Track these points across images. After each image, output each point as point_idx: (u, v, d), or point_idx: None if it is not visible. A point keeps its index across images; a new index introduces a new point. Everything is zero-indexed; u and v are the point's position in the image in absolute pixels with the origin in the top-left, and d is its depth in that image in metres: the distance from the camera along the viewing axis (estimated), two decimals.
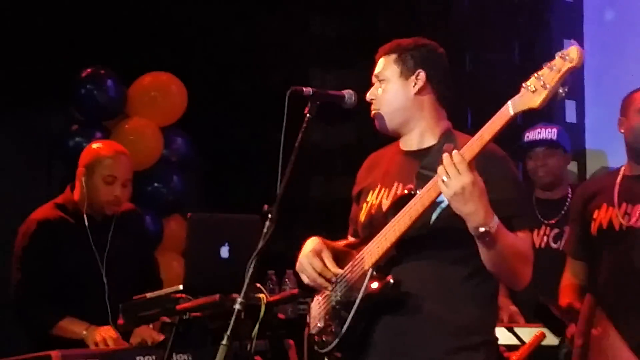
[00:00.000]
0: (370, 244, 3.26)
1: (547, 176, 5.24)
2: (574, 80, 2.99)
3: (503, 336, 4.43)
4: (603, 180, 4.47)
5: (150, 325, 4.51)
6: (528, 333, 4.39)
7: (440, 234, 3.21)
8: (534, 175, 5.27)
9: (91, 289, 4.64)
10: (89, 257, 4.67)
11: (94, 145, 4.92)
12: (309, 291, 3.47)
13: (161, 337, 4.42)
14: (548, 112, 6.04)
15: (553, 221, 5.14)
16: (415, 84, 3.38)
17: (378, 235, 3.24)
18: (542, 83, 2.89)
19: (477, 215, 2.99)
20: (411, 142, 3.42)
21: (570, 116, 6.21)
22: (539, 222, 5.16)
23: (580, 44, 6.16)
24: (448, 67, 3.44)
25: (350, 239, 3.56)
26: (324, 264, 3.31)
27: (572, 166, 6.02)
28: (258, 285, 3.70)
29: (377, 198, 3.41)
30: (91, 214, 4.72)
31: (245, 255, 3.19)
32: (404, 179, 3.35)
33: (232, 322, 3.06)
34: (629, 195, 4.21)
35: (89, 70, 6.37)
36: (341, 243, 3.50)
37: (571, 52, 2.88)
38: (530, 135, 5.27)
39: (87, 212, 4.70)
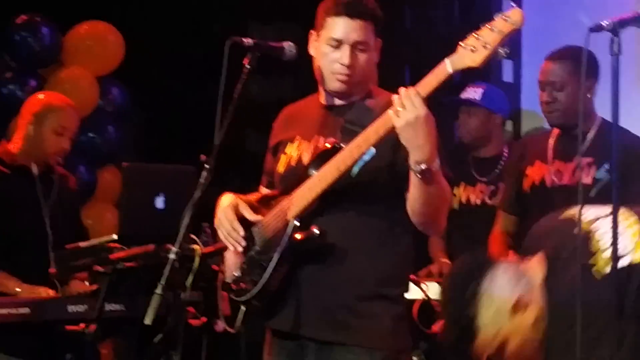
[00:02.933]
0: (292, 195, 3.29)
1: (465, 136, 5.31)
2: (511, 39, 3.03)
3: (435, 291, 4.48)
4: (538, 138, 4.52)
5: (86, 283, 4.49)
6: None
7: (361, 187, 3.26)
8: (459, 134, 5.36)
9: (34, 239, 4.61)
10: (31, 207, 4.63)
11: (42, 96, 4.88)
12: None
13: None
14: (485, 72, 6.07)
15: (488, 178, 5.20)
16: (377, 51, 3.41)
17: (301, 187, 3.27)
18: (482, 43, 2.93)
19: (424, 149, 3.03)
20: (333, 97, 3.44)
21: (507, 76, 6.26)
22: (474, 179, 5.21)
23: (519, 3, 6.23)
24: None
25: (264, 190, 3.58)
26: (242, 217, 3.34)
27: (508, 125, 6.06)
28: (192, 236, 3.69)
29: (297, 150, 3.44)
30: (31, 163, 4.67)
31: (180, 206, 3.19)
32: (326, 132, 3.38)
33: (166, 272, 3.06)
34: (562, 153, 4.27)
35: (24, 17, 6.25)
36: (254, 196, 3.52)
37: (513, 15, 2.92)
38: (461, 95, 5.32)
39: (28, 161, 4.66)
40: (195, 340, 3.89)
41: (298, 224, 3.26)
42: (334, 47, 3.34)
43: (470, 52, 2.95)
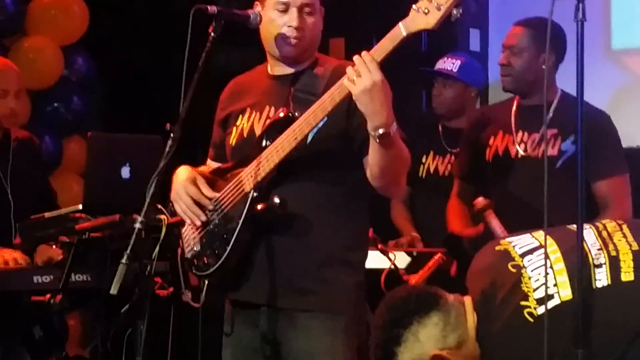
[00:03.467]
0: (248, 167, 3.30)
1: (439, 107, 5.30)
2: (478, 9, 3.02)
3: (402, 260, 4.50)
4: (499, 108, 4.52)
5: (53, 246, 4.46)
6: (427, 257, 4.46)
7: (317, 155, 3.28)
8: (433, 106, 5.34)
9: None
10: None
11: None
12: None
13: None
14: (452, 41, 6.07)
15: (457, 150, 5.20)
16: (322, 16, 3.41)
17: (258, 158, 3.27)
18: (435, 5, 2.93)
19: (381, 114, 3.04)
20: (282, 66, 3.44)
21: (474, 45, 6.25)
22: (444, 149, 5.21)
23: None
24: None
25: (212, 163, 3.58)
26: (200, 191, 3.34)
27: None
28: (159, 206, 3.67)
29: (249, 122, 3.44)
30: None
31: (146, 176, 3.17)
32: (276, 102, 3.39)
33: (132, 241, 3.05)
34: (526, 124, 4.27)
35: None
36: (204, 169, 3.52)
37: None
38: (437, 65, 5.30)
39: None
40: (162, 311, 3.89)
41: (257, 194, 3.27)
42: (282, 11, 3.34)
43: (423, 14, 2.96)
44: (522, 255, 2.75)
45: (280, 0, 3.33)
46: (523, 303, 2.65)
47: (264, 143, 3.29)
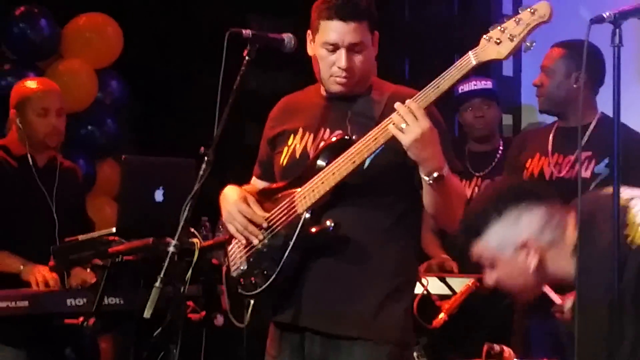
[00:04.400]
0: (302, 188, 3.27)
1: (485, 128, 5.23)
2: None
3: (435, 286, 4.47)
4: (539, 131, 4.52)
5: (88, 270, 4.48)
6: (460, 283, 4.43)
7: (372, 180, 3.25)
8: (471, 127, 5.26)
9: (40, 225, 4.62)
10: (37, 195, 4.65)
11: (19, 84, 4.90)
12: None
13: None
14: (485, 66, 6.05)
15: (484, 173, 5.18)
16: (374, 46, 3.38)
17: (312, 179, 3.24)
18: (508, 35, 2.94)
19: (434, 160, 3.05)
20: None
21: (507, 70, 6.23)
22: (470, 173, 5.19)
23: None
24: None
25: (257, 182, 3.56)
26: (252, 210, 3.32)
27: (507, 119, 6.05)
28: (192, 229, 3.67)
29: (301, 142, 3.41)
30: (34, 153, 4.69)
31: (179, 199, 3.17)
32: (331, 124, 3.37)
33: (165, 265, 3.05)
34: (562, 146, 4.26)
35: (22, 8, 6.23)
36: (250, 187, 3.50)
37: (540, 8, 2.94)
38: (466, 87, 5.26)
39: (31, 152, 4.69)
40: (194, 335, 3.88)
41: (309, 216, 3.24)
42: (330, 50, 3.31)
43: (495, 44, 2.95)
44: (629, 199, 2.78)
45: (328, 41, 3.29)
46: (625, 232, 2.69)
47: (319, 165, 3.26)
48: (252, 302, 3.34)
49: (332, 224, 3.20)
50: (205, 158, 3.13)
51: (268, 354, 3.43)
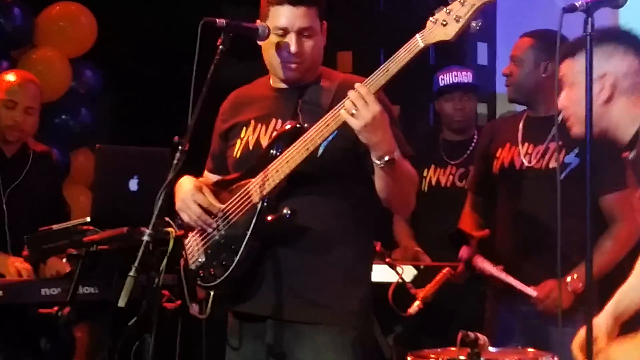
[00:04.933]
0: (255, 178, 3.29)
1: (464, 120, 5.26)
2: (486, 22, 3.03)
3: (410, 274, 4.48)
4: (509, 121, 4.54)
5: (64, 260, 4.47)
6: (435, 270, 4.45)
7: (326, 167, 3.28)
8: (450, 118, 5.27)
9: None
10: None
11: (5, 73, 4.87)
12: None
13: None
14: (460, 55, 6.07)
15: (459, 161, 5.19)
16: (323, 34, 3.41)
17: (266, 169, 3.26)
18: (454, 17, 2.95)
19: (384, 143, 3.07)
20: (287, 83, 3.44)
21: (482, 58, 6.26)
22: (444, 162, 5.21)
23: None
24: None
25: (209, 175, 3.58)
26: (208, 200, 3.33)
27: (482, 108, 6.07)
28: (167, 219, 3.66)
29: (254, 134, 3.44)
30: (4, 147, 4.66)
31: (154, 188, 3.16)
32: (283, 115, 3.39)
33: (140, 254, 3.04)
34: (532, 136, 4.27)
35: None
36: (203, 180, 3.52)
37: None
38: (446, 78, 5.27)
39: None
40: (169, 324, 3.88)
41: (265, 205, 3.27)
42: (280, 35, 3.33)
43: (442, 26, 2.97)
44: None
45: (278, 25, 3.33)
46: None
47: (272, 154, 3.28)
48: (211, 293, 3.35)
49: (289, 212, 3.23)
50: (179, 147, 3.12)
51: (228, 346, 3.45)
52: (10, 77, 4.80)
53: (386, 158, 3.08)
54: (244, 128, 3.47)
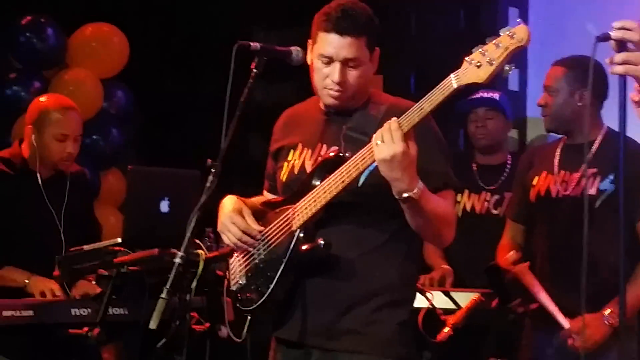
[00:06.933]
0: (297, 205, 3.27)
1: (486, 138, 5.24)
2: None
3: (440, 300, 4.46)
4: (547, 148, 4.50)
5: (93, 282, 4.47)
6: (465, 297, 4.43)
7: (365, 198, 3.25)
8: (474, 137, 5.27)
9: (48, 246, 4.56)
10: (44, 214, 4.62)
11: (42, 100, 4.83)
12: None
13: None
14: (491, 80, 6.05)
15: (493, 187, 5.17)
16: (373, 62, 3.37)
17: (306, 197, 3.25)
18: (487, 59, 2.92)
19: (401, 182, 3.04)
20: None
21: (513, 84, 6.24)
22: (479, 187, 5.18)
23: (525, 12, 6.25)
24: None
25: (267, 195, 3.57)
26: (246, 222, 3.33)
27: (513, 134, 6.05)
28: (197, 241, 3.67)
29: (300, 158, 3.42)
30: (41, 171, 4.66)
31: (184, 210, 3.17)
32: (328, 139, 3.37)
33: (172, 276, 3.04)
34: (568, 163, 4.25)
35: (29, 17, 6.26)
36: (256, 200, 3.51)
37: (519, 32, 2.91)
38: (473, 97, 5.26)
39: (39, 169, 4.66)
40: (198, 346, 3.88)
41: (302, 235, 3.25)
42: (325, 63, 3.30)
43: (475, 67, 2.94)
44: None
45: (324, 53, 3.28)
46: None
47: (313, 182, 3.26)
48: (249, 317, 3.35)
49: (323, 242, 3.20)
50: (212, 170, 3.12)
51: None
52: (53, 107, 4.71)
53: (404, 195, 3.06)
54: (291, 151, 3.45)
